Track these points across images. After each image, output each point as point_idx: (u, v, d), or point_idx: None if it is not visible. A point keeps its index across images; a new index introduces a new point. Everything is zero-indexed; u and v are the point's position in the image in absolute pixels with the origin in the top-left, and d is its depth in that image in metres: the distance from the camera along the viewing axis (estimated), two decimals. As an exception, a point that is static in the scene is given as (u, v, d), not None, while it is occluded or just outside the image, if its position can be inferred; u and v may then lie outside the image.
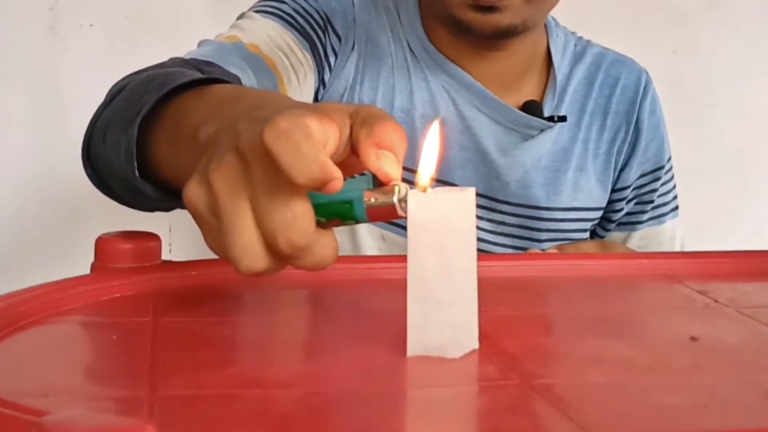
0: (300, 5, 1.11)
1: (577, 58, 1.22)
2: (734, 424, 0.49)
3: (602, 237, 1.24)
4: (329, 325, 0.65)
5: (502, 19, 1.07)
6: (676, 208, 1.25)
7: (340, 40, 1.12)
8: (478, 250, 0.56)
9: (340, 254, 0.58)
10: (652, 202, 1.23)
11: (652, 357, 0.58)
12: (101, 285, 0.67)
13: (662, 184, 1.23)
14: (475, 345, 0.57)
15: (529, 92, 1.18)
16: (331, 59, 1.11)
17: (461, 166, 1.14)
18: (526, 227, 1.17)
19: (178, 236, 1.48)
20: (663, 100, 1.68)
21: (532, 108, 1.16)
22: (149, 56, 1.47)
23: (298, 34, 1.08)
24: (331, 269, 0.74)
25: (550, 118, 1.16)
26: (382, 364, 0.56)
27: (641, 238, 1.23)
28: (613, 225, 1.24)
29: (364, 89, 1.13)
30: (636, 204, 1.23)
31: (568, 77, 1.20)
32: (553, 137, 1.17)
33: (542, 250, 1.14)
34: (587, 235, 1.21)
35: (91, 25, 1.48)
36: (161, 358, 0.56)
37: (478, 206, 1.13)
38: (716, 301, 0.70)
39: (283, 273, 0.73)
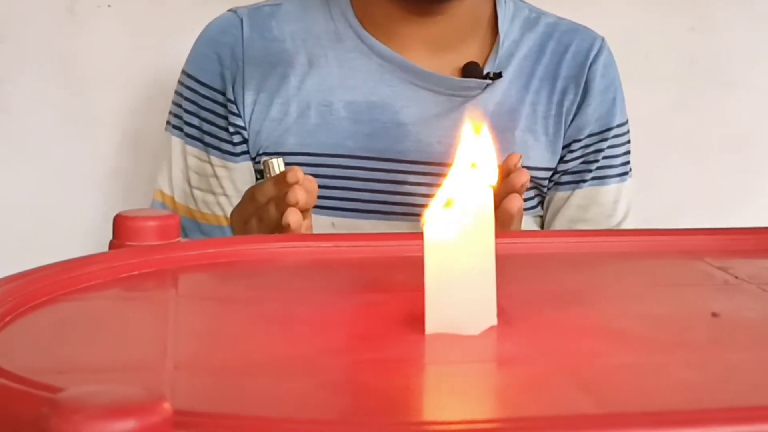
0: (195, 108, 1.20)
1: (530, 25, 1.23)
2: (754, 399, 0.48)
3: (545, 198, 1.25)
4: (347, 302, 0.64)
5: None
6: (625, 173, 1.25)
7: (235, 101, 1.18)
8: None
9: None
10: (597, 161, 1.22)
11: (672, 333, 0.57)
12: (119, 262, 0.66)
13: (609, 147, 1.23)
14: (494, 321, 0.56)
15: (471, 56, 1.19)
16: (239, 120, 1.18)
17: (401, 140, 1.16)
18: None
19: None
20: (679, 79, 1.67)
21: (470, 70, 1.18)
22: (166, 36, 1.48)
23: (206, 147, 1.20)
24: (348, 247, 0.73)
25: (486, 76, 1.17)
26: (401, 340, 0.55)
27: (583, 197, 1.22)
28: (555, 184, 1.23)
29: (270, 109, 1.17)
30: (581, 163, 1.22)
31: (518, 43, 1.21)
32: (497, 98, 1.18)
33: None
34: (533, 194, 1.22)
35: (109, 6, 1.48)
36: (179, 335, 0.55)
37: (424, 173, 1.16)
38: (736, 277, 0.69)
39: (299, 251, 0.73)
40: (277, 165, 1.02)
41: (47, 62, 1.48)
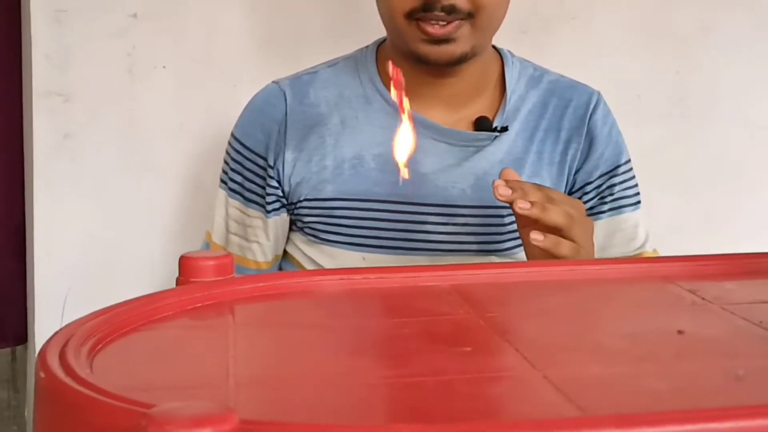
0: (239, 167, 1.29)
1: (535, 83, 1.32)
2: (708, 404, 0.54)
3: None
4: (377, 326, 0.71)
5: (456, 49, 1.20)
6: (638, 203, 1.33)
7: (274, 165, 1.27)
8: (447, 251, 0.64)
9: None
10: (612, 194, 1.31)
11: (643, 348, 0.63)
12: (186, 297, 0.73)
13: (621, 181, 1.32)
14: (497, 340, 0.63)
15: (481, 111, 1.28)
16: (274, 182, 1.28)
17: (421, 186, 1.25)
18: (487, 227, 1.26)
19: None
20: (667, 117, 1.73)
21: (481, 123, 1.27)
22: (213, 94, 1.54)
23: (246, 201, 1.30)
24: (376, 279, 0.80)
25: (494, 129, 1.26)
26: (419, 358, 0.62)
27: (606, 227, 1.30)
28: None
29: (309, 164, 1.26)
30: (598, 199, 1.31)
31: (524, 98, 1.30)
32: (505, 148, 1.27)
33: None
34: None
35: (164, 67, 1.55)
36: (238, 356, 0.62)
37: (441, 214, 1.25)
38: (703, 298, 0.75)
39: (335, 282, 0.80)
40: None
41: (110, 117, 1.54)
